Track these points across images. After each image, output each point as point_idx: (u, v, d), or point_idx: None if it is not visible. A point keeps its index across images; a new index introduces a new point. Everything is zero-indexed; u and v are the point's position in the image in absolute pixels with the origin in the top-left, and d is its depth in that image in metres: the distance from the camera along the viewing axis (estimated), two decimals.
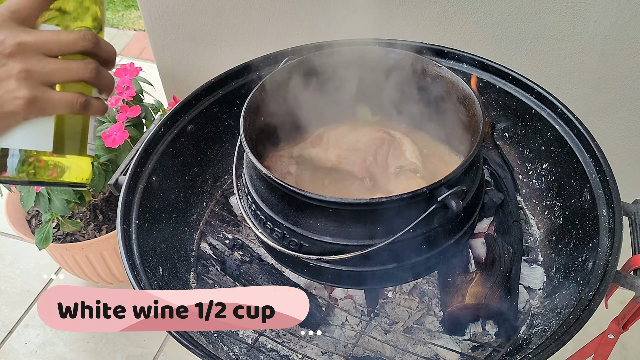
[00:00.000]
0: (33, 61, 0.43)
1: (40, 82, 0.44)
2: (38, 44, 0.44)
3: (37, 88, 0.43)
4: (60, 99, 0.45)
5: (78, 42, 0.45)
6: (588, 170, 0.88)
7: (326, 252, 0.74)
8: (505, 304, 0.85)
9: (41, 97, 0.44)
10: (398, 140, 0.89)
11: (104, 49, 0.48)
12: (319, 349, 0.89)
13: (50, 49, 0.45)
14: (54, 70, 0.44)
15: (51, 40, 0.45)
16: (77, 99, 0.46)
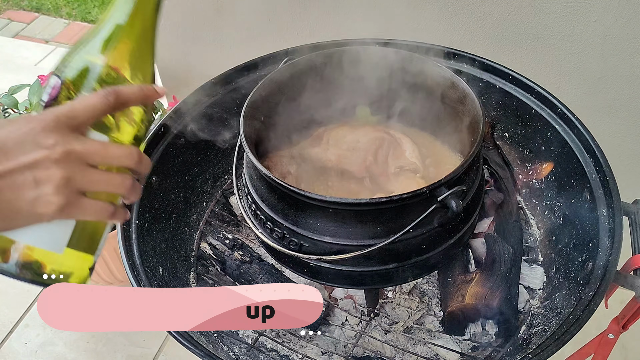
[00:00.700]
0: (76, 169, 0.44)
1: (77, 190, 0.44)
2: (86, 154, 0.44)
3: (72, 195, 0.44)
4: (91, 208, 0.45)
5: (123, 158, 0.46)
6: (588, 170, 0.88)
7: (326, 252, 0.74)
8: (505, 304, 0.85)
9: (73, 204, 0.44)
10: (398, 140, 0.89)
11: (144, 166, 0.49)
12: (319, 348, 0.89)
13: (96, 160, 0.45)
14: (93, 181, 0.45)
15: (99, 153, 0.45)
16: (108, 209, 0.46)
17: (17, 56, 2.65)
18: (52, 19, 2.95)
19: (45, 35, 2.83)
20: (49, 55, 2.65)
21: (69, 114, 0.45)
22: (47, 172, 0.42)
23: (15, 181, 0.42)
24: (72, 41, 2.78)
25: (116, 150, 0.46)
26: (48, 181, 0.42)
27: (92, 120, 0.46)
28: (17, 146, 0.42)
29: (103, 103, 0.46)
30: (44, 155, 0.42)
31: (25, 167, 0.42)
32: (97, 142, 0.46)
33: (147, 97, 0.50)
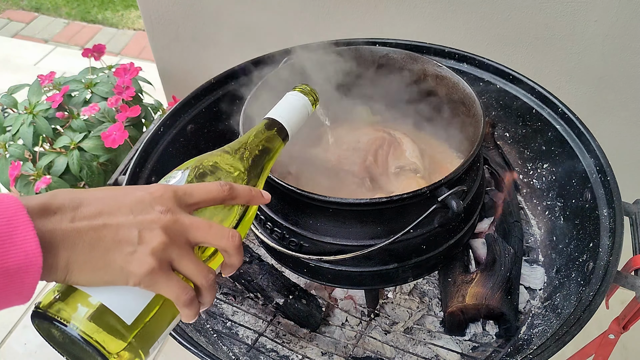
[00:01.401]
0: (176, 240, 0.45)
1: (168, 261, 0.45)
2: (190, 227, 0.46)
3: (164, 263, 0.44)
4: (175, 284, 0.45)
5: (225, 240, 0.48)
6: (589, 170, 0.88)
7: (326, 252, 0.74)
8: (505, 305, 0.84)
9: (162, 273, 0.44)
10: (398, 140, 0.89)
11: (238, 256, 0.50)
12: (319, 349, 0.89)
13: (198, 236, 0.47)
14: (186, 259, 0.46)
15: (203, 229, 0.47)
16: (188, 293, 0.46)
17: (16, 56, 2.65)
18: (51, 19, 2.95)
19: (45, 35, 2.83)
20: (48, 55, 2.65)
21: (186, 192, 0.48)
22: (151, 234, 0.44)
23: (120, 234, 0.43)
24: (71, 41, 2.78)
25: (219, 229, 0.48)
26: (149, 242, 0.44)
27: (204, 205, 0.49)
28: (133, 204, 0.45)
29: (218, 191, 0.50)
30: (154, 218, 0.44)
31: (134, 224, 0.44)
32: (203, 220, 0.47)
33: (254, 197, 0.54)
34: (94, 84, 1.38)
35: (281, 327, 0.92)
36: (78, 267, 0.42)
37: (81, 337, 0.42)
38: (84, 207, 0.43)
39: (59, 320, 0.42)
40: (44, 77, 1.38)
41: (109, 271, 0.43)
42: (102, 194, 0.45)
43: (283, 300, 0.89)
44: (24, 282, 0.39)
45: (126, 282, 0.43)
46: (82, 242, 0.42)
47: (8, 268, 0.38)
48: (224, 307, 0.95)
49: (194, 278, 0.47)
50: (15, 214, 0.39)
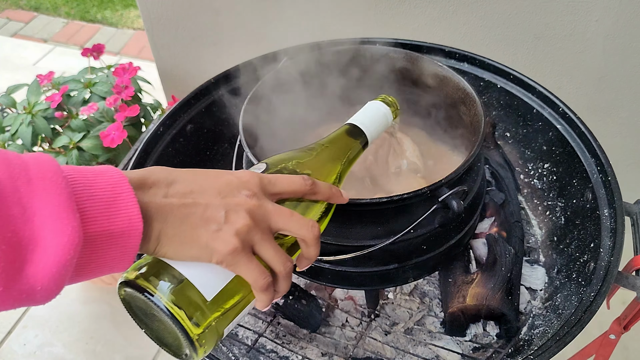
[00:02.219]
0: (259, 224, 0.47)
1: (250, 244, 0.47)
2: (274, 213, 0.48)
3: (246, 245, 0.46)
4: (255, 267, 0.47)
5: (303, 231, 0.50)
6: (590, 170, 0.87)
7: (326, 253, 0.73)
8: (506, 305, 0.84)
9: (243, 253, 0.46)
10: (398, 139, 0.88)
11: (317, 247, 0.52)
12: (319, 350, 0.89)
13: (280, 223, 0.49)
14: (267, 246, 0.47)
15: (285, 216, 0.49)
16: (267, 278, 0.47)
17: (15, 55, 2.65)
18: (50, 18, 2.95)
19: (44, 35, 2.82)
20: (47, 55, 2.65)
21: (271, 181, 0.50)
22: (237, 215, 0.46)
23: (208, 212, 0.45)
24: (70, 40, 2.77)
25: (301, 219, 0.50)
26: (234, 222, 0.46)
27: (286, 196, 0.51)
28: (222, 187, 0.47)
29: (301, 184, 0.52)
30: (240, 201, 0.47)
31: (222, 205, 0.46)
32: (286, 208, 0.49)
33: (333, 195, 0.56)
34: (93, 84, 1.37)
35: (281, 327, 0.92)
36: (168, 240, 0.44)
37: (165, 308, 0.44)
38: (177, 185, 0.46)
39: (146, 290, 0.44)
40: (43, 76, 1.38)
41: (195, 246, 0.45)
42: (193, 175, 0.48)
43: (283, 300, 0.89)
44: (125, 246, 0.41)
45: (210, 258, 0.45)
46: (173, 217, 0.44)
47: (113, 231, 0.40)
48: None
49: (273, 263, 0.48)
50: (119, 182, 0.41)
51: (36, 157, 0.39)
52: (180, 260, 0.46)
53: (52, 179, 0.38)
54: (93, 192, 0.40)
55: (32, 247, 0.36)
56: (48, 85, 1.38)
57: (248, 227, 0.46)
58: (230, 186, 0.48)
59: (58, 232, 0.37)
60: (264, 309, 0.51)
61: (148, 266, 0.46)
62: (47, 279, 0.37)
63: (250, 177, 0.49)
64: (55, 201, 0.37)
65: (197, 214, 0.45)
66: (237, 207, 0.46)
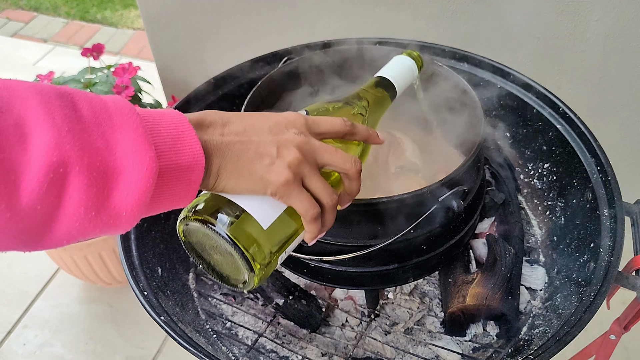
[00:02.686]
0: (308, 158, 0.51)
1: (301, 176, 0.50)
2: (320, 149, 0.52)
3: (297, 178, 0.50)
4: (306, 198, 0.50)
5: (349, 164, 0.53)
6: (590, 170, 0.87)
7: (326, 253, 0.73)
8: (506, 305, 0.84)
9: (295, 185, 0.49)
10: (398, 140, 0.88)
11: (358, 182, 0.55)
12: (319, 350, 0.89)
13: (325, 158, 0.52)
14: (316, 176, 0.51)
15: (330, 151, 0.52)
16: (314, 209, 0.51)
17: (15, 55, 2.65)
18: (50, 18, 2.95)
19: (44, 35, 2.82)
20: (47, 55, 2.65)
21: (314, 121, 0.54)
22: (287, 150, 0.49)
23: (261, 148, 0.49)
24: (70, 40, 2.77)
25: (344, 154, 0.53)
26: (286, 157, 0.49)
27: (330, 135, 0.55)
28: (272, 125, 0.51)
29: (342, 125, 0.55)
30: (290, 138, 0.50)
31: (273, 142, 0.49)
32: (330, 145, 0.53)
33: (371, 136, 0.59)
34: (93, 84, 1.37)
35: (281, 327, 0.92)
36: (226, 174, 0.48)
37: (227, 236, 0.47)
38: (231, 125, 0.49)
39: (208, 222, 0.48)
40: (43, 76, 1.38)
41: (251, 179, 0.48)
42: (245, 116, 0.51)
43: (283, 300, 0.89)
44: (190, 179, 0.44)
45: (265, 190, 0.49)
46: (230, 153, 0.47)
47: (180, 164, 0.43)
48: (224, 308, 0.95)
49: (321, 195, 0.51)
50: (181, 122, 0.45)
51: (113, 98, 0.43)
52: (237, 194, 0.49)
53: (129, 114, 0.42)
54: (160, 130, 0.43)
55: (117, 176, 0.40)
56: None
57: (298, 161, 0.49)
58: (279, 125, 0.51)
59: (138, 162, 0.40)
60: (311, 241, 0.54)
61: (207, 201, 0.49)
62: (130, 205, 0.40)
63: (296, 117, 0.53)
64: (133, 135, 0.41)
65: (251, 149, 0.48)
66: (287, 142, 0.50)
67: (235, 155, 0.48)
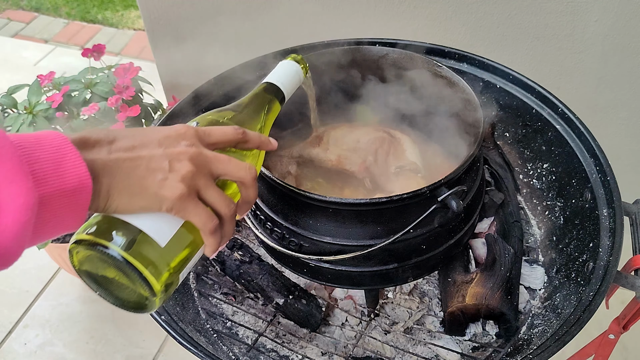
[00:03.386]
0: (202, 170, 0.50)
1: (196, 189, 0.49)
2: (214, 159, 0.51)
3: (192, 190, 0.49)
4: (202, 210, 0.49)
5: (242, 173, 0.52)
6: (589, 170, 0.88)
7: (326, 252, 0.74)
8: (505, 305, 0.84)
9: (190, 199, 0.49)
10: (398, 140, 0.88)
11: (254, 189, 0.55)
12: (319, 349, 0.89)
13: (220, 168, 0.51)
14: (211, 191, 0.50)
15: (224, 161, 0.51)
16: (213, 221, 0.50)
17: (16, 56, 2.65)
18: (51, 19, 2.95)
19: (45, 35, 2.83)
20: (48, 55, 2.65)
21: (206, 132, 0.53)
22: (180, 163, 0.48)
23: (152, 163, 0.47)
24: (71, 41, 2.78)
25: (239, 163, 0.53)
26: (179, 170, 0.48)
27: (222, 145, 0.54)
28: (162, 139, 0.49)
29: (234, 133, 0.55)
30: (182, 150, 0.49)
31: (165, 155, 0.48)
32: (223, 155, 0.52)
33: (263, 142, 0.59)
34: (94, 84, 1.38)
35: (281, 327, 0.92)
36: (117, 193, 0.46)
37: (122, 258, 0.46)
38: (119, 141, 0.47)
39: (100, 244, 0.46)
40: (44, 77, 1.38)
41: (144, 196, 0.47)
42: (133, 132, 0.50)
43: (283, 300, 0.89)
44: (78, 203, 0.43)
45: (160, 207, 0.48)
46: (120, 171, 0.46)
47: (65, 189, 0.42)
48: (224, 307, 0.95)
49: (218, 206, 0.51)
50: (62, 144, 0.43)
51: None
52: (131, 213, 0.48)
53: (2, 145, 0.39)
54: (39, 156, 0.41)
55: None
56: (49, 85, 1.38)
57: (192, 173, 0.48)
58: (169, 138, 0.50)
59: (14, 195, 0.39)
60: (212, 254, 0.53)
61: (99, 223, 0.47)
62: (9, 240, 0.39)
63: (186, 129, 0.52)
64: (7, 166, 0.39)
65: (142, 165, 0.47)
66: (180, 155, 0.49)
67: (126, 173, 0.46)
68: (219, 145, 0.54)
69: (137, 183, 0.46)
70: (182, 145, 0.50)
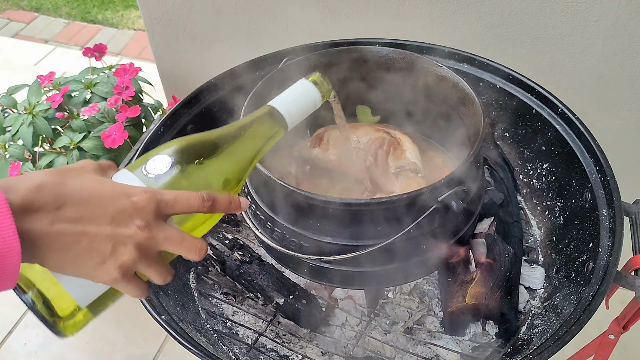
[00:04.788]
0: (146, 254, 0.48)
1: (132, 271, 0.48)
2: (163, 243, 0.48)
3: (127, 275, 0.47)
4: (136, 287, 0.49)
5: (191, 255, 0.50)
6: (589, 170, 0.88)
7: (326, 252, 0.74)
8: (505, 305, 0.85)
9: (122, 282, 0.48)
10: (398, 140, 0.88)
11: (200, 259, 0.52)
12: (319, 349, 0.89)
13: (167, 249, 0.49)
14: (151, 271, 0.49)
15: (173, 246, 0.49)
16: (143, 292, 0.50)
17: (16, 56, 2.65)
18: (51, 19, 2.95)
19: (45, 35, 2.83)
20: (48, 55, 2.65)
21: (168, 203, 0.49)
22: (124, 249, 0.46)
23: (95, 243, 0.45)
24: (71, 41, 2.78)
25: (190, 243, 0.50)
26: (120, 256, 0.46)
27: (183, 213, 0.50)
28: (115, 214, 0.46)
29: (200, 206, 0.50)
30: (131, 234, 0.46)
31: (111, 237, 0.46)
32: (176, 235, 0.49)
33: (231, 209, 0.54)
34: (94, 84, 1.38)
35: (281, 327, 0.92)
36: (52, 263, 0.45)
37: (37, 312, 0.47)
38: (67, 208, 0.45)
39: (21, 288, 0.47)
40: (44, 77, 1.38)
41: (77, 271, 0.46)
42: (86, 197, 0.46)
43: (283, 300, 0.89)
44: (5, 267, 0.41)
45: (91, 279, 0.47)
46: (59, 244, 0.44)
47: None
48: (224, 307, 0.95)
49: (153, 280, 0.50)
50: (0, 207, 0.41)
51: None
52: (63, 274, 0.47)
53: None
54: None
55: None
56: (49, 85, 1.38)
57: (132, 261, 0.47)
58: (123, 214, 0.46)
59: None
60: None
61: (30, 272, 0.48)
62: None
63: (147, 202, 0.48)
64: None
65: (83, 243, 0.45)
66: (126, 239, 0.46)
67: (64, 248, 0.44)
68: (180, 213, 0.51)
69: (73, 259, 0.45)
70: (133, 226, 0.47)
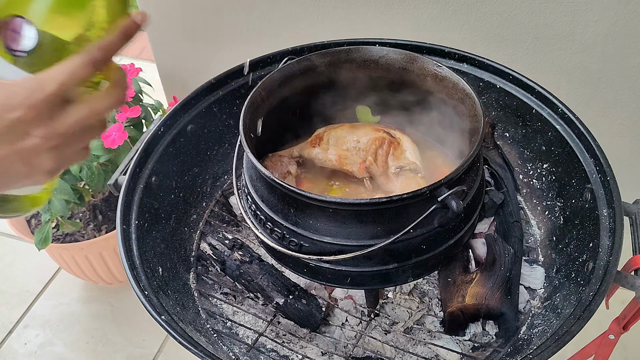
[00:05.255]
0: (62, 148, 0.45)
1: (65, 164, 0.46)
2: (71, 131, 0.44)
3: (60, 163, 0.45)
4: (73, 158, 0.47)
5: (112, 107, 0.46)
6: (589, 170, 0.88)
7: (326, 252, 0.74)
8: (505, 305, 0.85)
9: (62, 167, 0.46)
10: (398, 140, 0.89)
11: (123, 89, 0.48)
12: (319, 349, 0.89)
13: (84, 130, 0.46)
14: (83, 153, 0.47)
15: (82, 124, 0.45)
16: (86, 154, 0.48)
17: None
18: None
19: None
20: None
21: (58, 93, 0.42)
22: (39, 159, 0.43)
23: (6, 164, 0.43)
24: None
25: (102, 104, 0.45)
26: (40, 166, 0.44)
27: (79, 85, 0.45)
28: (9, 133, 0.42)
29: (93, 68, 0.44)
30: (35, 145, 0.42)
31: (16, 153, 0.42)
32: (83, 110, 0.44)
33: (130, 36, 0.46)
34: None
35: (281, 327, 0.92)
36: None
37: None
38: None
39: None
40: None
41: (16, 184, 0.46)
42: None
43: (283, 300, 0.89)
44: None
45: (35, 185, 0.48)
46: None
47: None
48: (224, 307, 0.95)
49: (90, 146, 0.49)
50: None
51: None
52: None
53: None
54: None
55: None
56: None
57: (57, 164, 0.45)
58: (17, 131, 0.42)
59: None
60: None
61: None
62: None
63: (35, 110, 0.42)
64: None
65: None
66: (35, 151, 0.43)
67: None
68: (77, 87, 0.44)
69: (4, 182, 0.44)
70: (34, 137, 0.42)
